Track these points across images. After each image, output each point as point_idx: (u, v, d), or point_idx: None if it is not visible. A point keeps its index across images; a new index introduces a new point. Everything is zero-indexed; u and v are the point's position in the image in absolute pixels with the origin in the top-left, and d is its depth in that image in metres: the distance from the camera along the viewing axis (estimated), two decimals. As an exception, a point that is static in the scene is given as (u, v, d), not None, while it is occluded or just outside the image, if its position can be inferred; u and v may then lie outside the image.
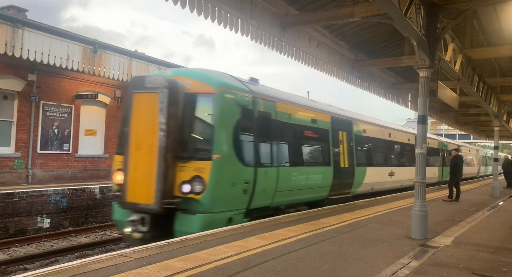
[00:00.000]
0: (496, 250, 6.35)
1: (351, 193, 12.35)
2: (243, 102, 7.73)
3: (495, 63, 13.43)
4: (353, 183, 12.23)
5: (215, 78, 7.77)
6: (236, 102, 7.59)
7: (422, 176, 7.20)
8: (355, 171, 12.34)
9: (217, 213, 7.19)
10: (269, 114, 8.55)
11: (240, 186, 7.51)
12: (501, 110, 17.62)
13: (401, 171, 16.25)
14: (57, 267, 4.50)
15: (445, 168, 22.58)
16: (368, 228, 7.69)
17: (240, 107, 7.67)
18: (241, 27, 8.08)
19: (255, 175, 7.82)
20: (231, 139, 7.41)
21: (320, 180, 10.34)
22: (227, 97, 7.52)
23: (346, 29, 10.51)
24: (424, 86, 7.35)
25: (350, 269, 4.90)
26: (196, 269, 4.62)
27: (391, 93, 15.66)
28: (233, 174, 7.37)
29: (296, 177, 9.26)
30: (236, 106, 7.60)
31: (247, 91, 8.07)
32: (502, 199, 15.17)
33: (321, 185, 10.49)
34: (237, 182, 7.42)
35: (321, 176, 10.44)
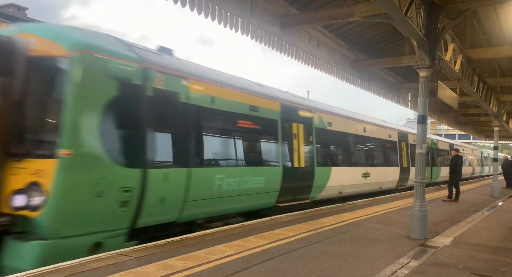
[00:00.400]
0: (496, 250, 6.35)
1: (310, 198, 10.36)
2: (123, 73, 5.55)
3: (495, 63, 13.42)
4: (312, 186, 10.24)
5: (72, 35, 5.46)
6: (109, 72, 5.38)
7: (422, 176, 7.20)
8: (315, 172, 10.32)
9: (69, 238, 4.97)
10: (176, 94, 6.40)
11: (114, 196, 5.33)
12: (501, 110, 17.63)
13: (379, 172, 14.45)
14: (56, 266, 4.49)
15: (434, 168, 20.92)
16: (368, 228, 7.69)
17: (118, 81, 5.48)
18: (241, 26, 8.07)
19: (144, 179, 5.69)
20: (96, 127, 5.22)
21: (263, 184, 8.33)
22: (92, 63, 5.26)
23: (346, 28, 10.50)
24: (424, 86, 7.35)
25: (350, 268, 4.90)
26: (196, 268, 4.62)
27: (391, 93, 15.65)
28: (99, 178, 5.17)
29: (223, 180, 7.24)
30: (109, 78, 5.39)
31: (133, 59, 5.82)
32: (501, 199, 15.18)
33: (265, 190, 8.46)
34: (106, 190, 5.22)
35: (264, 178, 8.39)
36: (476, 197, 15.59)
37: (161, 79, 6.20)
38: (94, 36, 5.71)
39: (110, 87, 5.42)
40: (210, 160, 7.30)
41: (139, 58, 5.93)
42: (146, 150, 5.82)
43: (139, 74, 5.81)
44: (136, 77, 5.76)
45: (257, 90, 8.77)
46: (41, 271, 4.28)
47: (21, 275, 4.15)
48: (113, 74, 5.46)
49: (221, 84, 7.56)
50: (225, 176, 7.32)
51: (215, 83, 7.40)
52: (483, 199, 14.73)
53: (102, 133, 5.29)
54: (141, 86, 5.83)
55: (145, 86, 5.88)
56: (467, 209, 11.50)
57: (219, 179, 7.17)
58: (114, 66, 5.46)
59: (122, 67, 5.58)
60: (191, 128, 6.70)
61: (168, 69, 6.40)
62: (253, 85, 8.91)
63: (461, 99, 13.61)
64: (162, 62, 6.40)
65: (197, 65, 7.67)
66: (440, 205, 12.23)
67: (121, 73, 5.56)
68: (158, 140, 6.06)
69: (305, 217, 8.68)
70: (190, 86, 6.71)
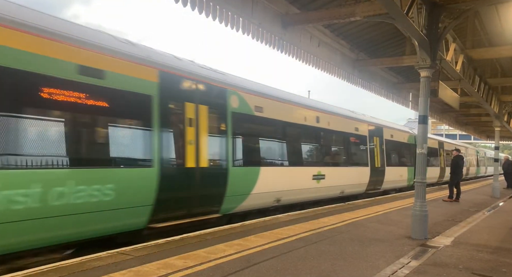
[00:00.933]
0: (496, 250, 6.35)
1: (222, 211, 7.48)
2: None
3: (497, 63, 13.41)
4: (224, 194, 7.43)
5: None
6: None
7: (423, 176, 7.20)
8: (229, 174, 7.54)
9: None
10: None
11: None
12: (502, 110, 17.61)
13: (339, 173, 11.91)
14: (57, 265, 4.50)
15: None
16: (368, 228, 7.69)
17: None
18: (242, 26, 8.07)
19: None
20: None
21: (112, 197, 5.40)
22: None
23: (348, 28, 10.49)
24: (425, 86, 7.34)
25: (350, 268, 4.90)
26: (196, 267, 4.62)
27: (392, 93, 15.63)
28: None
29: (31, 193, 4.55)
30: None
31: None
32: (502, 200, 15.16)
33: (119, 205, 5.53)
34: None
35: (114, 186, 5.43)
36: (477, 197, 15.58)
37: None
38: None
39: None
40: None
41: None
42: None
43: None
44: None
45: (101, 42, 5.60)
46: (41, 270, 4.29)
47: (21, 273, 4.15)
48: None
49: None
50: (38, 186, 4.69)
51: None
52: (483, 200, 14.71)
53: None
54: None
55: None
56: (467, 209, 11.49)
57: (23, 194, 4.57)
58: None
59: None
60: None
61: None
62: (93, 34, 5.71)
63: (462, 99, 13.59)
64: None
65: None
66: (440, 205, 12.23)
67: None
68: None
69: (306, 216, 8.69)
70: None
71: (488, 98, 15.01)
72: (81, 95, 5.24)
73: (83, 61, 5.26)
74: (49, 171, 4.83)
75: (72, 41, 5.18)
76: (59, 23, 5.30)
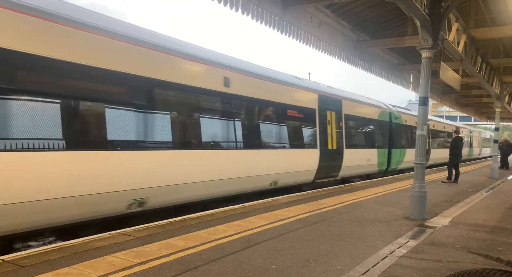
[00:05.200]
0: (493, 230, 6.44)
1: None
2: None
3: (499, 43, 13.24)
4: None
5: None
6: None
7: (422, 158, 7.22)
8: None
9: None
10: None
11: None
12: (503, 91, 17.51)
13: (268, 157, 8.94)
14: (60, 245, 4.58)
15: (395, 151, 15.72)
16: (367, 209, 7.78)
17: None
18: (242, 6, 7.91)
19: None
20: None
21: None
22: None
23: (349, 8, 10.31)
24: (426, 67, 7.27)
25: (348, 248, 4.98)
26: (197, 247, 4.70)
27: (393, 74, 15.48)
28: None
29: None
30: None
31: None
32: (500, 181, 15.27)
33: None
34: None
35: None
36: (475, 178, 15.69)
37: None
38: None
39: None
40: None
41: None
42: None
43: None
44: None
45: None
46: (45, 250, 4.37)
47: (24, 253, 4.23)
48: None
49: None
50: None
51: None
52: (482, 181, 14.82)
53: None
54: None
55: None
56: (466, 190, 11.59)
57: None
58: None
59: None
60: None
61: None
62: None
63: (463, 80, 13.50)
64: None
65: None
66: (439, 187, 12.32)
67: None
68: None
69: (305, 198, 8.77)
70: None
71: (489, 79, 14.90)
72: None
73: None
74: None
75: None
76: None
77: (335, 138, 11.75)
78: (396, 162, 16.15)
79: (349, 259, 4.52)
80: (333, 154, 11.58)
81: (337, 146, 11.83)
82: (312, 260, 4.43)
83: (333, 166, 11.63)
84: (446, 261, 4.64)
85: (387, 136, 15.41)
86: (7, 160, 4.49)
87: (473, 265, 4.41)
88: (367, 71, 13.72)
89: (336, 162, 11.80)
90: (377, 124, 14.78)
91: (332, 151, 11.51)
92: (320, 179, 11.10)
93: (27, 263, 3.93)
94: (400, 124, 16.63)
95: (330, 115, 11.62)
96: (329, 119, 11.51)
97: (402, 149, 16.49)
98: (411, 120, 17.68)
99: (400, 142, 16.45)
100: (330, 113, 11.63)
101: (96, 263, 4.01)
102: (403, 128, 16.94)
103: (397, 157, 16.13)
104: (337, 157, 11.86)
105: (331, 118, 11.66)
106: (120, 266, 3.95)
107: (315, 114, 10.89)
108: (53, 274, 3.68)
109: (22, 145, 4.61)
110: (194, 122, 7.13)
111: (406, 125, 17.25)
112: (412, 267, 4.36)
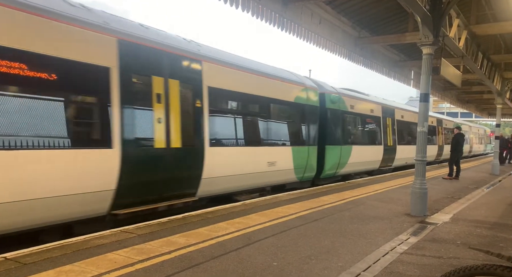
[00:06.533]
0: (494, 226, 6.44)
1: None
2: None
3: (500, 39, 13.19)
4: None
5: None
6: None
7: (423, 154, 7.22)
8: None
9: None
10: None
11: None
12: (504, 87, 17.47)
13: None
14: (61, 242, 4.59)
15: (332, 148, 11.39)
16: (368, 206, 7.78)
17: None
18: (242, 3, 7.89)
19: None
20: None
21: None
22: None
23: (349, 5, 10.27)
24: (427, 63, 7.25)
25: (350, 245, 4.98)
26: (199, 244, 4.71)
27: (394, 71, 15.45)
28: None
29: None
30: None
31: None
32: (501, 177, 15.27)
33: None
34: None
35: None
36: (476, 175, 15.68)
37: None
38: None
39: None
40: None
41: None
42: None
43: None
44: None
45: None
46: (47, 247, 4.38)
47: (27, 251, 4.24)
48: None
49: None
50: None
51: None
52: (483, 177, 14.81)
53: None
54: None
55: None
56: (467, 187, 11.58)
57: None
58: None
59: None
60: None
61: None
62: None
63: (464, 77, 13.46)
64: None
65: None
66: (440, 183, 12.32)
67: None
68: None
69: (306, 195, 8.78)
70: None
71: (490, 75, 14.86)
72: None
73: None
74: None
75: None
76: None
77: (193, 130, 6.93)
78: (335, 165, 11.52)
79: (350, 256, 4.52)
80: (187, 156, 6.76)
81: (194, 142, 6.92)
82: (313, 257, 4.44)
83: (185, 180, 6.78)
84: (447, 257, 4.65)
85: (315, 128, 10.71)
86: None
87: (474, 261, 4.41)
88: (367, 67, 13.69)
89: (194, 171, 6.89)
90: (294, 110, 9.94)
91: (190, 150, 6.83)
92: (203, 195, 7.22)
93: (29, 261, 3.94)
94: (343, 111, 12.03)
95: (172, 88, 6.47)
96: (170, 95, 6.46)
97: (346, 146, 11.99)
98: (364, 107, 13.61)
99: (343, 136, 11.97)
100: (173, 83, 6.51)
101: (98, 261, 4.03)
102: (350, 117, 12.59)
103: (336, 158, 11.50)
104: (195, 164, 6.87)
105: (173, 93, 6.49)
106: (122, 264, 3.97)
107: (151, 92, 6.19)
108: (55, 272, 3.69)
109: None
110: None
111: (355, 113, 12.93)
112: (413, 263, 4.37)
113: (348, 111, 12.44)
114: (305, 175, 10.40)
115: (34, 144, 4.72)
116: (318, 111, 10.97)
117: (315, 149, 10.71)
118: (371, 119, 14.17)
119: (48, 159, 4.85)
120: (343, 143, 11.95)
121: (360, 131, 13.57)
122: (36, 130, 4.79)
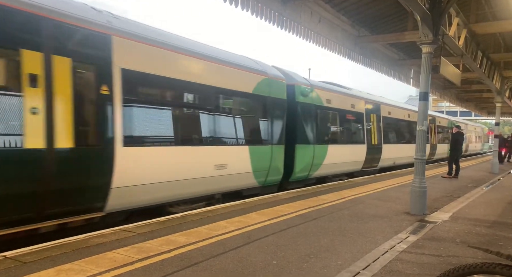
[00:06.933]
0: (493, 224, 6.45)
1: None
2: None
3: (500, 38, 13.20)
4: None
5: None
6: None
7: (422, 153, 7.22)
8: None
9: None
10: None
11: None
12: (503, 86, 17.48)
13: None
14: (61, 241, 4.59)
15: (303, 148, 10.07)
16: (367, 204, 7.79)
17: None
18: (241, 1, 7.89)
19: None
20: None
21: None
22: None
23: (349, 3, 10.26)
24: (426, 62, 7.25)
25: (349, 243, 4.99)
26: (198, 243, 4.71)
27: (394, 70, 15.46)
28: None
29: None
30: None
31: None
32: (501, 176, 15.29)
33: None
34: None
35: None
36: (476, 173, 15.69)
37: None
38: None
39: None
40: None
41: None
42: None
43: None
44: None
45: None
46: (46, 246, 4.38)
47: (26, 250, 4.24)
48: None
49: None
50: None
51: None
52: (482, 176, 14.83)
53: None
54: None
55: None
56: (466, 186, 11.60)
57: None
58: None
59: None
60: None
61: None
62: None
63: (463, 75, 13.47)
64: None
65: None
66: (439, 182, 12.33)
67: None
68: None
69: (306, 194, 8.79)
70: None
71: (490, 74, 14.86)
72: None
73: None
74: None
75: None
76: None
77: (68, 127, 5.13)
78: (307, 166, 10.21)
79: (350, 254, 4.53)
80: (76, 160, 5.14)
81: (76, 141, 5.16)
82: (312, 256, 4.44)
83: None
84: (447, 255, 4.66)
85: (281, 124, 9.23)
86: None
87: (474, 260, 4.42)
88: (367, 66, 13.69)
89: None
90: (252, 103, 8.56)
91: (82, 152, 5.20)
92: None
93: (29, 260, 3.95)
94: (316, 106, 10.68)
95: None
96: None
97: (320, 146, 10.74)
98: (343, 102, 12.29)
99: (317, 134, 10.62)
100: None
101: (98, 259, 4.03)
102: (325, 113, 11.27)
103: (308, 159, 10.21)
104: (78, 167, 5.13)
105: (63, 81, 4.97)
106: (122, 262, 3.97)
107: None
108: (55, 270, 3.70)
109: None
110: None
111: (332, 109, 11.63)
112: (413, 262, 4.37)
113: (323, 105, 10.99)
114: (268, 179, 8.83)
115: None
116: (285, 105, 9.32)
117: (281, 148, 9.12)
118: (351, 115, 12.67)
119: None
120: (317, 142, 10.53)
121: (338, 129, 12.00)
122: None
